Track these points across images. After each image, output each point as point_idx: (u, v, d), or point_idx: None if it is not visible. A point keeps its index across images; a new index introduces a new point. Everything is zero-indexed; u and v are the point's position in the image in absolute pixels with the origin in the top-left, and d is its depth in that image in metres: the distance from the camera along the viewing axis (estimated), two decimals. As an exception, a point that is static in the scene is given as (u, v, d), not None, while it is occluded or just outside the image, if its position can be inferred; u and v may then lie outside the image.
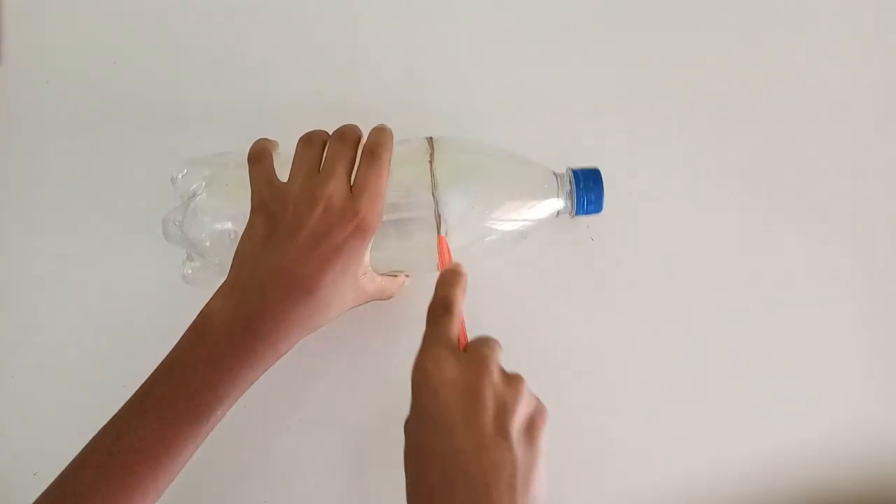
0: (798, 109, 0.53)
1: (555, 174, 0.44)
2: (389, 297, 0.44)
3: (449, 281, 0.38)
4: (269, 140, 0.42)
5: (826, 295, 0.50)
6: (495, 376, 0.34)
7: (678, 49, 0.55)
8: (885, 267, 0.50)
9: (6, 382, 0.47)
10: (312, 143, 0.40)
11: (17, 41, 0.53)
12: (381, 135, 0.40)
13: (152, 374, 0.37)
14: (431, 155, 0.42)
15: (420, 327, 0.44)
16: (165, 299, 0.47)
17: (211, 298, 0.38)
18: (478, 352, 0.35)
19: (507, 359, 0.45)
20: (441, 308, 0.36)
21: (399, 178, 0.40)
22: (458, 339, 0.36)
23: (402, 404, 0.44)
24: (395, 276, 0.44)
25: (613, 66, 0.54)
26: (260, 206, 0.39)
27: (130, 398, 0.36)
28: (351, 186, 0.38)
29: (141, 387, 0.36)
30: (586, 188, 0.43)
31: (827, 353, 0.49)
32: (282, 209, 0.38)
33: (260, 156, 0.41)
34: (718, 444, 0.46)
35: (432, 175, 0.41)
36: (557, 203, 0.44)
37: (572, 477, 0.45)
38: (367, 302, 0.43)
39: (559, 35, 0.55)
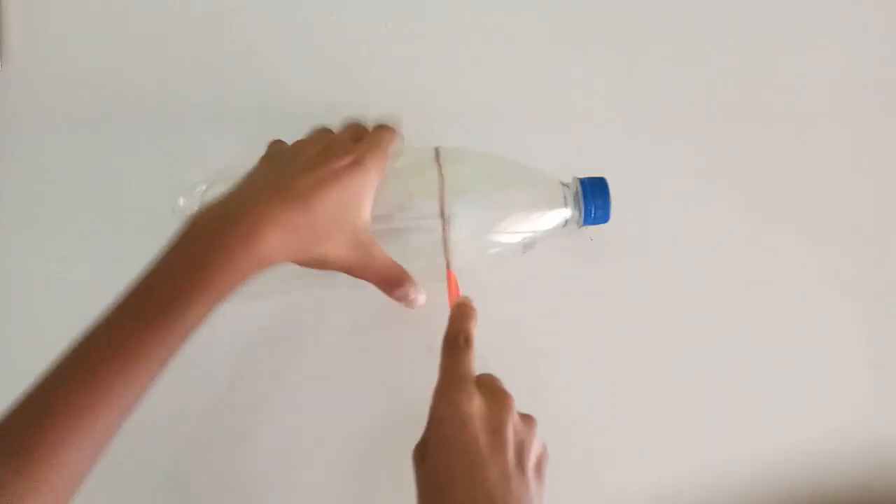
0: (801, 111, 0.54)
1: (562, 184, 0.44)
2: (401, 298, 0.41)
3: (464, 315, 0.40)
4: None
5: (827, 296, 0.50)
6: (515, 415, 0.37)
7: (682, 52, 0.55)
8: (887, 268, 0.51)
9: (6, 382, 0.47)
10: (324, 127, 0.42)
11: (17, 41, 0.52)
12: (392, 125, 0.42)
13: (133, 281, 0.35)
14: (440, 165, 0.42)
15: (419, 329, 0.45)
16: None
17: (200, 207, 0.37)
18: (499, 389, 0.37)
19: (510, 362, 0.44)
20: (462, 341, 0.38)
21: (407, 187, 0.41)
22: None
23: (402, 405, 0.45)
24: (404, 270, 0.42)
25: (616, 70, 0.54)
26: (265, 155, 0.40)
27: (111, 303, 0.34)
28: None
29: (122, 292, 0.34)
30: (593, 197, 0.43)
31: (827, 353, 0.49)
32: (285, 155, 0.39)
33: (277, 139, 0.42)
34: (718, 444, 0.47)
35: (441, 186, 0.41)
36: (565, 213, 0.44)
37: (572, 477, 0.45)
38: (368, 277, 0.40)
39: (563, 38, 0.55)
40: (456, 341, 0.38)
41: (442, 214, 0.40)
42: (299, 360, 0.47)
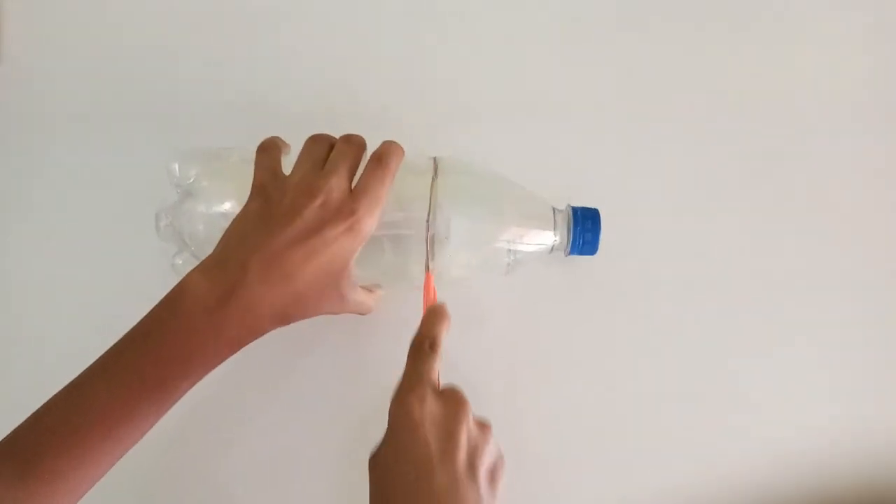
0: (801, 112, 0.53)
1: (554, 210, 0.44)
2: (367, 312, 0.44)
3: (435, 319, 0.39)
4: (281, 139, 0.42)
5: (827, 296, 0.50)
6: (471, 420, 0.36)
7: (682, 53, 0.54)
8: (887, 268, 0.50)
9: (6, 383, 0.48)
10: (319, 141, 0.40)
11: (17, 41, 0.52)
12: (391, 146, 0.40)
13: (120, 340, 0.36)
14: (434, 175, 0.42)
15: (415, 328, 0.45)
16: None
17: (191, 271, 0.37)
18: (456, 394, 0.37)
19: (504, 366, 0.46)
20: (427, 345, 0.38)
21: (399, 194, 0.40)
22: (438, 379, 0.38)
23: None
24: (372, 290, 0.44)
25: (612, 73, 0.54)
26: (259, 190, 0.39)
27: (94, 362, 0.35)
28: (352, 188, 0.38)
29: (107, 351, 0.35)
30: (584, 228, 0.43)
31: (827, 353, 0.49)
32: (279, 195, 0.38)
33: (269, 146, 0.41)
34: (718, 444, 0.47)
35: (431, 196, 0.41)
36: (553, 238, 0.44)
37: (572, 477, 0.45)
38: (345, 312, 0.42)
39: (562, 39, 0.55)
40: (422, 346, 0.38)
41: (428, 220, 0.40)
42: (297, 362, 0.48)
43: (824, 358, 0.49)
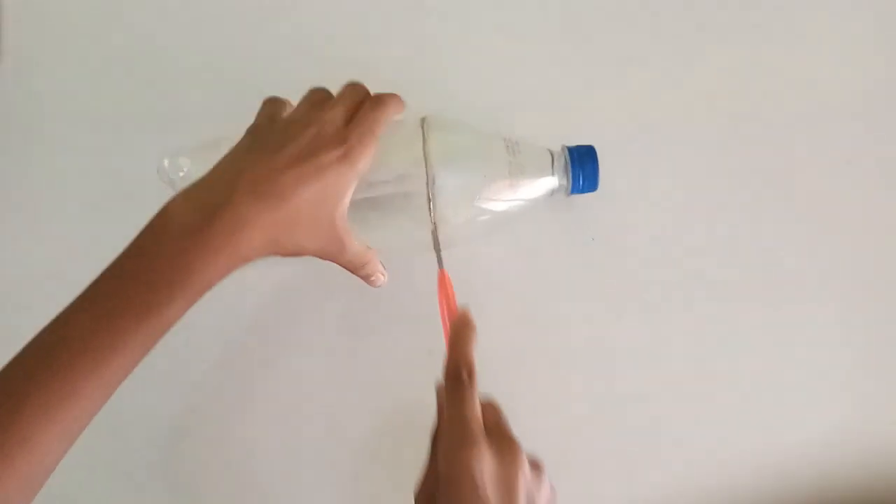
0: (800, 109, 0.53)
1: (550, 151, 0.44)
2: (365, 276, 0.42)
3: (464, 338, 0.37)
4: (289, 100, 0.43)
5: (827, 296, 0.49)
6: (527, 470, 0.35)
7: (682, 48, 0.55)
8: (886, 268, 0.50)
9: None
10: (320, 90, 0.41)
11: (17, 41, 0.54)
12: (392, 96, 0.41)
13: (105, 268, 0.34)
14: (424, 134, 0.41)
15: (416, 330, 0.44)
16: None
17: (174, 195, 0.36)
18: (508, 440, 0.35)
19: (510, 358, 0.46)
20: (465, 375, 0.35)
21: (391, 156, 0.40)
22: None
23: (402, 409, 0.45)
24: (370, 249, 0.43)
25: (618, 65, 0.54)
26: (253, 129, 0.39)
27: (80, 293, 0.34)
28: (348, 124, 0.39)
29: (90, 284, 0.34)
30: (581, 164, 0.43)
31: (827, 353, 0.48)
32: (273, 127, 0.39)
33: (274, 98, 0.42)
34: (717, 443, 0.46)
35: (425, 154, 0.40)
36: (552, 181, 0.43)
37: (571, 476, 0.43)
38: (344, 264, 0.41)
39: (563, 31, 0.55)
40: (459, 377, 0.35)
41: (427, 182, 0.40)
42: (298, 362, 0.47)
43: (824, 358, 0.48)
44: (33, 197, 0.51)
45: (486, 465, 0.33)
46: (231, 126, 0.50)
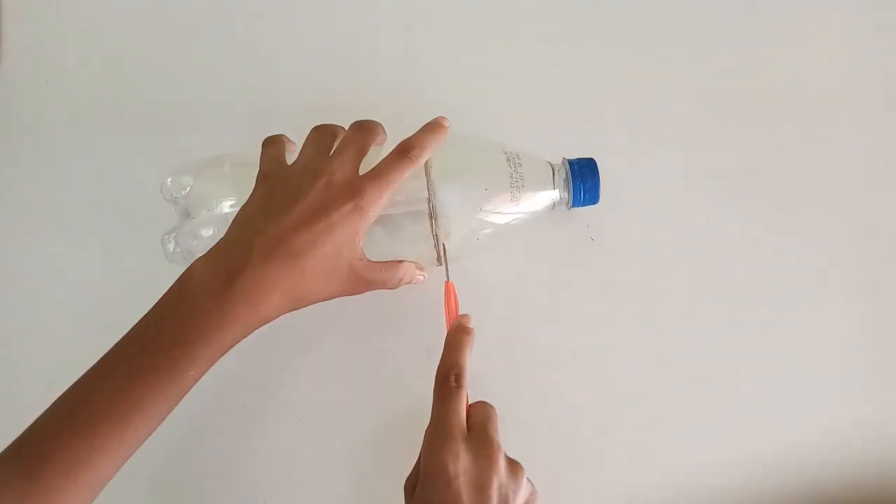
0: (798, 109, 0.53)
1: (550, 165, 0.44)
2: (395, 287, 0.43)
3: (458, 344, 0.39)
4: (286, 136, 0.43)
5: (827, 296, 0.49)
6: (502, 469, 0.36)
7: (679, 49, 0.55)
8: (886, 268, 0.50)
9: (6, 383, 0.47)
10: (323, 130, 0.41)
11: (17, 41, 0.53)
12: (427, 138, 0.40)
13: (127, 333, 0.36)
14: None
15: (418, 329, 0.44)
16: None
17: (196, 259, 0.37)
18: (487, 442, 0.36)
19: (508, 360, 0.46)
20: (452, 380, 0.37)
21: None
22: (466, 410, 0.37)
23: (402, 409, 0.45)
24: (399, 263, 0.43)
25: (614, 67, 0.54)
26: (263, 179, 0.39)
27: (102, 356, 0.35)
28: (359, 172, 0.38)
29: (114, 345, 0.35)
30: (582, 178, 0.43)
31: (827, 353, 0.48)
32: (283, 181, 0.39)
33: (274, 139, 0.42)
34: (717, 443, 0.46)
35: (426, 169, 0.41)
36: (553, 194, 0.43)
37: (569, 476, 0.45)
38: (369, 290, 0.41)
39: (559, 34, 0.55)
40: (447, 381, 0.37)
41: (430, 197, 0.40)
42: (298, 362, 0.47)
43: (824, 358, 0.48)
44: (33, 197, 0.51)
45: (461, 462, 0.35)
46: (231, 128, 0.51)
